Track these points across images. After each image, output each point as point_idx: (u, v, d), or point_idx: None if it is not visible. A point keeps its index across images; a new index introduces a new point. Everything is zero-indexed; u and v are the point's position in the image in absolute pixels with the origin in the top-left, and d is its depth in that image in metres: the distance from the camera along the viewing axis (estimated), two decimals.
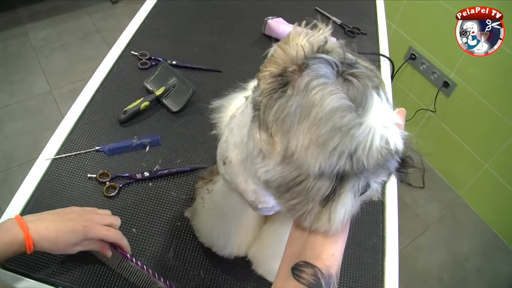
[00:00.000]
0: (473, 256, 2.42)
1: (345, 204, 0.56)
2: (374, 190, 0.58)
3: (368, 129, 0.51)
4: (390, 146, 0.52)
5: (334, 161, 0.51)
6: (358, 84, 0.52)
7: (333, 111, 0.51)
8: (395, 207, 1.14)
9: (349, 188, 0.55)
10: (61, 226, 0.87)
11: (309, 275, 0.57)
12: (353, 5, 1.86)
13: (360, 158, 0.51)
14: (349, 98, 0.52)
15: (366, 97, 0.52)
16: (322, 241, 0.60)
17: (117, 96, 1.32)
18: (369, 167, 0.52)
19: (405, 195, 2.65)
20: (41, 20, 3.47)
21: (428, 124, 2.73)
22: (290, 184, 0.56)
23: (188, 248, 1.01)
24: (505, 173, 2.35)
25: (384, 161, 0.53)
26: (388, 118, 0.53)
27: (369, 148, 0.51)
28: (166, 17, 1.67)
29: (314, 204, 0.56)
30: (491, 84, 2.23)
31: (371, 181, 0.56)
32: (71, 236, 0.86)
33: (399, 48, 2.68)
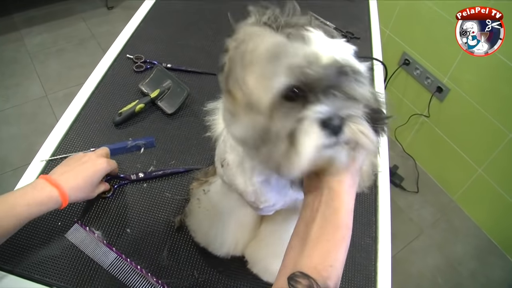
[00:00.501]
0: (467, 260, 2.43)
1: (310, 134, 0.55)
2: (355, 132, 0.56)
3: (306, 48, 0.56)
4: (336, 59, 0.55)
5: (281, 83, 0.55)
6: (294, 29, 0.59)
7: (271, 46, 0.57)
8: (387, 209, 1.15)
9: (310, 117, 0.55)
10: (85, 172, 0.97)
11: (304, 287, 0.55)
12: (347, 10, 1.88)
13: (305, 74, 0.55)
14: (285, 37, 0.58)
15: (303, 34, 0.57)
16: (319, 251, 0.58)
17: (112, 99, 1.32)
18: (319, 84, 0.55)
19: (399, 199, 2.67)
20: (36, 25, 3.48)
21: (422, 129, 2.75)
22: (261, 134, 0.58)
23: (182, 248, 1.01)
24: (498, 178, 2.36)
25: (336, 79, 0.56)
26: (328, 41, 0.57)
27: (311, 63, 0.55)
28: (161, 21, 1.68)
29: (283, 143, 0.56)
30: (484, 90, 2.25)
31: (339, 113, 0.56)
32: (96, 177, 0.99)
33: (393, 53, 2.70)
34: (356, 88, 0.57)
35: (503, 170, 2.31)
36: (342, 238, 0.59)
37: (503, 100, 2.16)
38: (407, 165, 2.83)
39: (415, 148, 2.85)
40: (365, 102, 0.59)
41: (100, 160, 1.02)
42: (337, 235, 0.59)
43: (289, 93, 0.56)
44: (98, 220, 1.04)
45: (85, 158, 1.00)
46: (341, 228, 0.59)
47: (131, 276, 0.94)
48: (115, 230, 1.02)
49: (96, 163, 1.00)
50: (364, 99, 0.59)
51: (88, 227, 1.01)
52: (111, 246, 0.98)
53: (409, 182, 2.74)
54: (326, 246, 0.58)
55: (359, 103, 0.58)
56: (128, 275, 0.94)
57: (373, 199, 1.16)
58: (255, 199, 0.76)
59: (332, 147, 0.57)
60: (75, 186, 0.93)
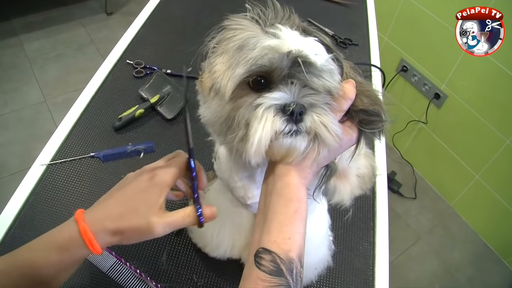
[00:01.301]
0: (464, 266, 2.44)
1: (262, 120, 0.57)
2: (316, 122, 0.58)
3: (267, 41, 0.58)
4: (292, 52, 0.57)
5: (239, 73, 0.58)
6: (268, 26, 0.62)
7: (241, 38, 0.61)
8: (385, 214, 1.16)
9: (265, 103, 0.58)
10: (123, 196, 0.69)
11: (268, 262, 0.57)
12: (345, 17, 1.89)
13: (259, 64, 0.58)
14: (260, 31, 0.61)
15: (270, 30, 0.61)
16: (276, 225, 0.59)
17: (112, 104, 1.33)
18: (276, 74, 0.58)
19: (397, 205, 2.67)
20: (35, 30, 3.49)
21: (419, 135, 2.76)
22: (225, 120, 0.61)
23: (181, 252, 1.02)
24: (495, 184, 2.37)
25: (291, 69, 0.58)
26: (292, 37, 0.59)
27: (266, 54, 0.58)
28: (161, 27, 1.69)
29: (240, 129, 0.59)
30: (482, 96, 2.26)
31: (300, 101, 0.58)
32: (140, 199, 0.67)
33: (391, 60, 2.71)
34: (314, 79, 0.59)
35: (501, 176, 2.32)
36: (296, 211, 0.60)
37: (501, 106, 2.17)
38: (405, 172, 2.84)
39: (412, 155, 2.86)
40: (332, 94, 0.61)
41: (150, 174, 0.71)
42: (290, 208, 0.60)
43: (251, 83, 0.60)
44: None
45: (129, 180, 0.72)
46: (293, 201, 0.60)
47: (131, 280, 0.94)
48: None
49: (142, 178, 0.70)
50: (325, 90, 0.60)
51: None
52: (111, 250, 0.98)
53: (407, 188, 2.75)
54: (282, 219, 0.59)
55: (321, 94, 0.60)
56: (128, 279, 0.94)
57: (371, 205, 1.17)
58: (243, 194, 0.77)
59: (291, 136, 0.58)
60: (109, 216, 0.66)
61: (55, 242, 0.64)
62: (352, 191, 0.86)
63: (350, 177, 0.86)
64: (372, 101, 0.64)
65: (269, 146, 0.58)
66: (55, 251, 0.64)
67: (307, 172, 0.63)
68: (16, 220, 1.02)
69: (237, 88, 0.60)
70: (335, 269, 1.03)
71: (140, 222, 0.65)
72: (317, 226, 0.92)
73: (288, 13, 0.66)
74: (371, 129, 0.65)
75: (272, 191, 0.62)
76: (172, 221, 0.67)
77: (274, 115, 0.57)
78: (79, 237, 0.63)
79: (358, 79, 0.67)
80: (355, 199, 0.90)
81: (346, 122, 0.65)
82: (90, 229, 0.63)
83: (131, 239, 0.66)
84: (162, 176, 0.69)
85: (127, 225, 0.65)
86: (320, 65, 0.59)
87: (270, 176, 0.64)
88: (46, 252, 0.64)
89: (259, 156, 0.59)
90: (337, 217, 1.11)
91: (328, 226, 1.00)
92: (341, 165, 0.82)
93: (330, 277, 1.01)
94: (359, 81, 0.66)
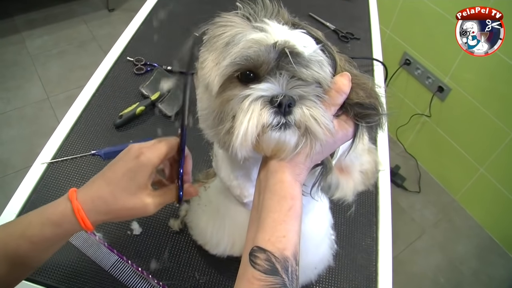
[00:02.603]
0: (468, 259, 2.43)
1: (248, 111, 0.57)
2: (306, 116, 0.58)
3: (252, 35, 0.59)
4: (278, 43, 0.58)
5: (225, 66, 0.59)
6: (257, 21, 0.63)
7: (229, 35, 0.61)
8: (388, 209, 1.15)
9: (252, 95, 0.57)
10: (112, 174, 0.70)
11: (263, 261, 0.56)
12: (347, 11, 1.88)
13: (245, 56, 0.58)
14: (249, 27, 0.62)
15: (263, 23, 0.61)
16: (270, 223, 0.59)
17: (113, 101, 1.33)
18: (263, 66, 0.59)
19: (401, 200, 2.67)
20: (37, 27, 3.48)
21: (423, 128, 2.75)
22: (215, 113, 0.62)
23: (183, 250, 1.02)
24: (500, 176, 2.36)
25: (278, 61, 0.59)
26: (279, 30, 0.60)
27: (251, 47, 0.58)
28: (162, 23, 1.68)
29: (228, 122, 0.59)
30: (485, 89, 2.25)
31: (289, 93, 0.58)
32: (128, 179, 0.68)
33: (394, 53, 2.70)
34: (302, 69, 0.59)
35: (505, 169, 2.31)
36: (290, 208, 0.60)
37: (504, 99, 2.17)
38: (409, 165, 2.83)
39: (416, 148, 2.85)
40: (323, 85, 0.61)
41: (141, 149, 0.71)
42: (284, 205, 0.60)
43: (240, 76, 0.60)
44: None
45: (119, 158, 0.73)
46: (287, 198, 0.60)
47: (132, 278, 0.95)
48: (116, 232, 1.02)
49: (129, 156, 0.71)
50: (315, 81, 0.60)
51: None
52: (112, 248, 0.98)
53: (411, 182, 2.74)
54: (276, 217, 0.59)
55: (311, 86, 0.60)
56: (130, 277, 0.95)
57: (373, 200, 1.16)
58: (240, 193, 0.77)
59: (280, 129, 0.58)
60: (100, 194, 0.68)
61: (49, 218, 0.67)
62: (355, 187, 0.86)
63: (353, 173, 0.86)
64: (367, 94, 0.63)
65: (258, 139, 0.58)
66: (49, 226, 0.67)
67: (300, 168, 0.62)
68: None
69: (225, 82, 0.60)
70: (337, 265, 1.02)
71: (134, 203, 0.68)
72: (317, 225, 0.92)
73: (277, 8, 0.66)
74: (367, 123, 0.64)
75: (266, 188, 0.62)
76: (162, 201, 0.72)
77: (262, 107, 0.57)
78: (72, 215, 0.66)
79: (354, 72, 0.66)
80: (358, 195, 0.89)
81: (341, 116, 0.64)
82: (82, 208, 0.66)
83: (125, 217, 0.71)
84: (148, 155, 0.70)
85: (120, 206, 0.68)
86: (308, 56, 0.59)
87: (263, 172, 0.64)
88: (41, 226, 0.67)
89: (245, 149, 0.58)
90: (339, 213, 1.11)
91: (330, 225, 0.99)
92: (344, 161, 0.81)
93: (333, 273, 1.01)
94: (354, 74, 0.65)
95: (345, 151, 0.73)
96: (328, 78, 0.61)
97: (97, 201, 0.67)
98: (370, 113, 0.63)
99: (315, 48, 0.60)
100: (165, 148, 0.72)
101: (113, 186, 0.68)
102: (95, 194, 0.68)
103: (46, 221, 0.67)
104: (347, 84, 0.62)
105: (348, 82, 0.63)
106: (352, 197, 0.85)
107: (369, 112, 0.63)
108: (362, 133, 0.66)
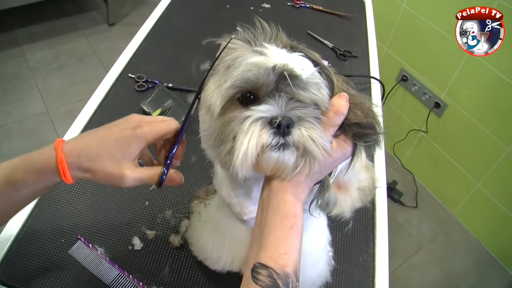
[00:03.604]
0: (466, 275, 2.44)
1: (248, 132, 0.59)
2: (304, 136, 0.60)
3: (252, 58, 0.62)
4: (277, 66, 0.60)
5: (225, 89, 0.62)
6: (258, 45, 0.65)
7: (230, 58, 0.64)
8: (385, 225, 1.16)
9: (252, 116, 0.60)
10: (105, 137, 0.69)
11: (265, 277, 0.58)
12: (345, 29, 1.91)
13: (245, 79, 0.61)
14: (249, 50, 0.65)
15: (263, 47, 0.63)
16: (272, 241, 0.61)
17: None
18: (263, 88, 0.61)
19: (399, 214, 2.68)
20: (38, 41, 3.51)
21: (420, 144, 2.77)
22: (219, 135, 0.64)
23: (184, 265, 1.03)
24: (496, 191, 2.38)
25: (277, 83, 0.61)
26: (278, 54, 0.62)
27: (251, 70, 0.61)
28: (163, 40, 1.71)
29: (229, 142, 0.61)
30: (481, 105, 2.28)
31: (287, 114, 0.60)
32: (118, 146, 0.69)
33: (391, 69, 2.73)
34: (300, 91, 0.61)
35: (502, 184, 2.33)
36: (291, 227, 0.61)
37: (500, 114, 2.19)
38: (406, 180, 2.84)
39: (414, 163, 2.87)
40: (320, 107, 0.63)
41: (136, 123, 0.71)
42: (286, 224, 0.61)
43: (240, 98, 0.62)
44: (101, 236, 1.05)
45: (120, 121, 0.73)
46: (289, 217, 0.62)
47: None
48: (118, 247, 1.04)
49: (127, 124, 0.71)
50: (312, 103, 0.62)
51: (91, 244, 1.02)
52: (114, 263, 1.00)
53: (408, 197, 2.76)
54: (278, 235, 0.61)
55: (309, 107, 0.62)
56: None
57: (370, 216, 1.18)
58: (240, 211, 0.79)
59: (279, 150, 0.60)
60: (85, 153, 0.67)
61: (33, 165, 0.67)
62: (353, 204, 0.87)
63: (351, 190, 0.87)
64: (365, 114, 0.65)
65: (258, 159, 0.60)
66: (32, 173, 0.67)
67: (302, 188, 0.64)
68: (20, 233, 1.03)
69: (227, 103, 0.63)
70: (335, 281, 1.03)
71: (113, 170, 0.68)
72: (315, 242, 0.93)
73: (275, 31, 0.69)
74: (365, 142, 0.66)
75: (268, 207, 0.64)
76: (141, 178, 0.71)
77: (262, 128, 0.59)
78: (54, 165, 0.66)
79: (351, 92, 0.68)
80: (355, 211, 0.90)
81: (340, 136, 0.66)
82: (66, 160, 0.66)
83: (101, 180, 0.69)
84: (144, 130, 0.70)
85: (100, 167, 0.67)
86: (306, 78, 0.61)
87: (266, 191, 0.66)
88: (25, 173, 0.67)
89: (246, 169, 0.60)
90: (337, 229, 1.12)
91: (328, 242, 1.01)
92: (342, 179, 0.83)
93: None
94: (352, 94, 0.67)
95: (343, 169, 0.74)
96: (325, 100, 0.63)
97: (82, 156, 0.67)
98: (368, 132, 0.65)
99: (312, 71, 0.62)
100: (163, 128, 0.73)
101: (101, 148, 0.68)
102: (82, 150, 0.67)
103: (29, 168, 0.68)
104: (345, 105, 0.64)
105: (346, 103, 0.64)
106: (350, 213, 0.86)
107: (367, 132, 0.65)
108: (360, 152, 0.68)
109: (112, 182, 0.70)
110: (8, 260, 0.98)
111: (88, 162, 0.67)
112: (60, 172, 0.66)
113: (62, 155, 0.66)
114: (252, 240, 0.66)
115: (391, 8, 2.57)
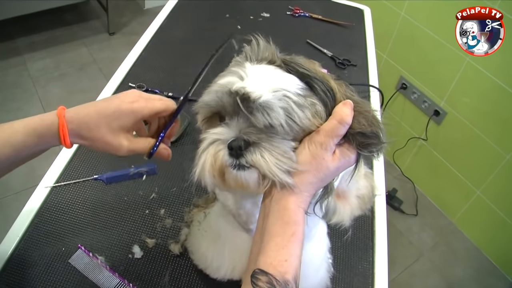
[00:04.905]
0: (466, 283, 2.44)
1: (204, 152, 0.65)
2: (256, 159, 0.62)
3: (224, 80, 0.65)
4: (243, 90, 0.62)
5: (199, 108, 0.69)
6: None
7: (222, 75, 0.68)
8: (384, 233, 1.17)
9: (209, 139, 0.65)
10: (105, 108, 0.75)
11: (265, 283, 0.58)
12: (344, 38, 1.92)
13: (211, 101, 0.66)
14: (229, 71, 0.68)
15: (241, 67, 0.66)
16: (272, 248, 0.61)
17: None
18: (225, 110, 0.65)
19: (399, 223, 2.68)
20: (39, 50, 3.52)
21: (420, 152, 2.78)
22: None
23: (184, 273, 1.03)
24: (496, 199, 2.38)
25: (238, 107, 0.63)
26: (255, 75, 0.64)
27: (217, 92, 0.65)
28: (163, 50, 1.72)
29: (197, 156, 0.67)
30: (480, 112, 2.29)
31: (245, 137, 0.62)
32: (115, 117, 0.74)
33: (391, 78, 2.74)
34: (257, 115, 0.62)
35: (501, 192, 2.33)
36: (292, 234, 0.62)
37: (500, 122, 2.20)
38: (406, 188, 2.84)
39: (413, 171, 2.87)
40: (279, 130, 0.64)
41: (135, 98, 0.77)
42: (287, 231, 0.62)
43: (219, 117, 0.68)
44: (101, 245, 1.06)
45: (120, 95, 0.78)
46: (290, 224, 0.63)
47: None
48: (118, 256, 1.04)
49: (124, 101, 0.76)
50: (271, 125, 0.63)
51: (92, 253, 1.03)
52: (114, 272, 1.00)
53: (408, 205, 2.76)
54: (279, 242, 0.62)
55: (270, 129, 0.63)
56: None
57: (370, 224, 1.18)
58: (246, 219, 0.80)
59: (238, 169, 0.63)
60: (86, 121, 0.73)
61: (35, 129, 0.73)
62: (352, 212, 0.88)
63: (350, 198, 0.87)
64: (369, 122, 0.65)
65: (223, 176, 0.64)
66: (33, 136, 0.73)
67: (304, 196, 0.65)
68: (21, 241, 1.04)
69: (209, 121, 0.69)
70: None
71: (111, 139, 0.75)
72: (316, 250, 0.94)
73: (267, 47, 0.71)
74: (369, 152, 0.66)
75: (270, 214, 0.64)
76: (135, 148, 0.79)
77: (220, 149, 0.63)
78: (56, 130, 0.72)
79: (355, 99, 0.68)
80: (355, 219, 0.91)
81: (344, 144, 0.66)
82: (67, 126, 0.72)
83: (98, 148, 0.76)
84: (141, 105, 0.76)
85: (99, 136, 0.74)
86: (264, 102, 0.61)
87: (268, 198, 0.66)
88: (26, 135, 0.72)
89: (209, 184, 0.66)
90: (336, 237, 1.13)
91: (328, 249, 1.01)
92: (341, 187, 0.83)
93: None
94: (356, 101, 0.67)
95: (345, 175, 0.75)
96: (302, 121, 0.64)
97: (82, 125, 0.73)
98: (372, 142, 0.65)
99: (271, 96, 0.62)
100: (160, 106, 0.79)
101: (101, 118, 0.73)
102: (83, 119, 0.73)
103: (31, 131, 0.72)
104: (349, 114, 0.64)
105: (351, 112, 0.64)
106: (349, 221, 0.87)
107: (371, 141, 0.65)
108: (363, 159, 0.69)
109: (108, 150, 0.76)
110: (9, 268, 0.98)
111: (87, 131, 0.73)
112: (60, 138, 0.73)
113: (64, 121, 0.72)
114: (253, 244, 0.67)
115: (390, 16, 2.58)
